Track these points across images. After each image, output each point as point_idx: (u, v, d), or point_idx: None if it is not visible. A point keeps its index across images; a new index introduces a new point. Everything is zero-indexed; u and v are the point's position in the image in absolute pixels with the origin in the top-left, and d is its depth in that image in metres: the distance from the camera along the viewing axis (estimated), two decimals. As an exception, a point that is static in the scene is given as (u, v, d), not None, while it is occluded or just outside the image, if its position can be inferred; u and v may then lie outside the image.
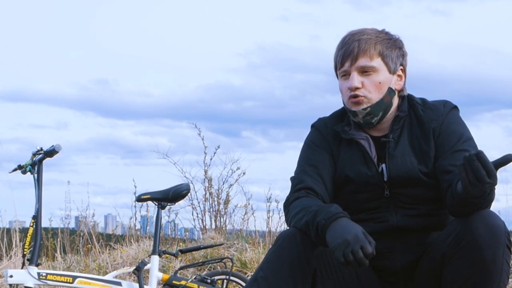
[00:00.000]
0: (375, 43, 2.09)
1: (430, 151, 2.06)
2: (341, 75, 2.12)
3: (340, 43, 2.13)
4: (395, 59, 2.11)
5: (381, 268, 2.07)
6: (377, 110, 2.08)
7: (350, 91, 2.07)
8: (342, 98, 2.15)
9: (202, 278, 3.34)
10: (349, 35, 2.11)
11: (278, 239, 1.97)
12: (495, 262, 1.83)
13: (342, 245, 1.80)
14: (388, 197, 2.07)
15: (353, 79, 2.07)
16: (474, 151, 1.80)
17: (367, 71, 2.07)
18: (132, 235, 6.35)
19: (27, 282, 3.08)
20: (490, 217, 1.86)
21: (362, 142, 2.11)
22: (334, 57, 2.15)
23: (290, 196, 2.09)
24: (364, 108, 2.07)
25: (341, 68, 2.10)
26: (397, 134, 2.10)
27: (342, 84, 2.12)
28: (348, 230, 1.83)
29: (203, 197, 6.81)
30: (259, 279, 1.93)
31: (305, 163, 2.15)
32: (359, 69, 2.07)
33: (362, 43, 2.07)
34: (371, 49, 2.07)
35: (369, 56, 2.07)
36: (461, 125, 2.10)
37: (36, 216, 3.20)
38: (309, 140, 2.20)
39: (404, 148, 2.08)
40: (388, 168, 2.07)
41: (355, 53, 2.07)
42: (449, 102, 2.13)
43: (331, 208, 1.90)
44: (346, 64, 2.08)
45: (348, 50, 2.08)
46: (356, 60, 2.07)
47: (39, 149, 3.27)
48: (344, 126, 2.16)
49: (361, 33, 2.10)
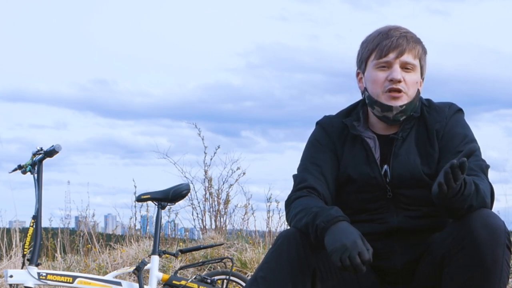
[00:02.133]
0: (418, 43, 2.09)
1: (434, 153, 2.06)
2: (379, 66, 2.07)
3: (381, 34, 2.08)
4: (426, 64, 2.13)
5: (381, 268, 2.07)
6: (408, 109, 2.07)
7: (390, 83, 2.04)
8: (372, 88, 2.08)
9: (202, 278, 3.34)
10: (393, 29, 2.08)
11: (278, 239, 1.97)
12: (495, 262, 1.83)
13: (340, 250, 1.81)
14: (390, 198, 2.06)
15: (397, 71, 2.04)
16: (476, 152, 1.82)
17: (408, 68, 2.06)
18: (132, 235, 6.35)
19: (27, 282, 3.08)
20: (490, 217, 1.85)
21: (368, 141, 2.10)
22: (369, 46, 2.09)
23: (291, 195, 2.08)
24: (401, 105, 2.05)
25: (382, 58, 2.06)
26: (406, 133, 2.09)
27: (377, 74, 2.07)
28: (347, 235, 1.83)
29: (203, 197, 6.81)
30: (258, 279, 1.93)
31: (308, 161, 2.13)
32: (402, 64, 2.05)
33: (410, 40, 2.07)
34: (416, 48, 2.07)
35: (414, 54, 2.07)
36: (465, 128, 2.10)
37: (36, 216, 3.20)
38: (313, 137, 2.18)
39: (410, 148, 2.07)
40: (392, 166, 2.06)
41: (404, 47, 2.05)
42: (455, 105, 2.13)
43: (331, 211, 1.90)
44: (390, 55, 2.05)
45: (396, 42, 2.05)
46: (403, 54, 2.05)
47: (39, 149, 3.27)
48: (353, 121, 2.14)
49: (404, 30, 2.09)
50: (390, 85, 2.04)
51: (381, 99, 2.06)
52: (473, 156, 1.99)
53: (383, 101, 2.05)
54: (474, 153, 1.94)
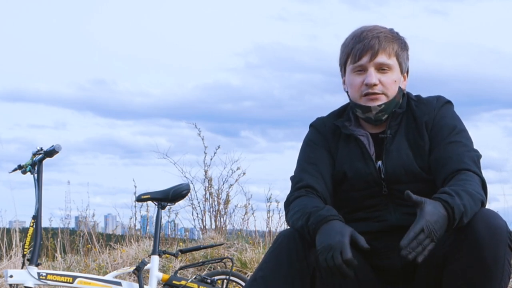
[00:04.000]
0: (392, 41, 2.09)
1: (424, 145, 2.06)
2: (355, 70, 2.09)
3: (354, 38, 2.10)
4: (406, 60, 2.13)
5: (381, 267, 2.07)
6: (389, 108, 2.09)
7: (366, 88, 2.06)
8: (351, 92, 2.12)
9: (202, 278, 3.34)
10: (366, 31, 2.09)
11: (277, 239, 1.97)
12: (497, 262, 1.83)
13: (325, 250, 1.81)
14: (386, 195, 2.07)
15: (371, 76, 2.06)
16: (466, 142, 1.90)
17: (384, 69, 2.07)
18: (132, 235, 6.35)
19: (27, 282, 3.08)
20: (492, 217, 1.85)
21: (362, 139, 2.12)
22: (346, 50, 2.11)
23: (290, 195, 2.09)
24: (379, 105, 2.07)
25: (356, 63, 2.08)
26: (394, 130, 2.11)
27: (354, 79, 2.10)
28: (333, 234, 1.83)
29: (203, 197, 6.81)
30: (258, 279, 1.93)
31: (304, 161, 2.15)
32: (377, 65, 2.07)
33: (382, 40, 2.07)
34: (390, 47, 2.08)
35: (388, 54, 2.07)
36: (454, 118, 2.11)
37: (36, 216, 3.20)
38: (307, 139, 2.21)
39: (400, 143, 2.08)
40: (385, 163, 2.07)
41: (376, 49, 2.06)
42: (442, 97, 2.15)
43: (322, 211, 1.90)
44: (364, 58, 2.07)
45: (368, 45, 2.06)
46: (376, 57, 2.06)
47: (39, 149, 3.27)
48: (344, 122, 2.16)
49: (377, 30, 2.09)
50: (366, 89, 2.07)
51: (360, 102, 2.09)
52: (463, 147, 2.00)
53: (362, 103, 2.08)
54: (464, 144, 1.96)
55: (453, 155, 1.99)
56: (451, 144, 2.02)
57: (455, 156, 1.99)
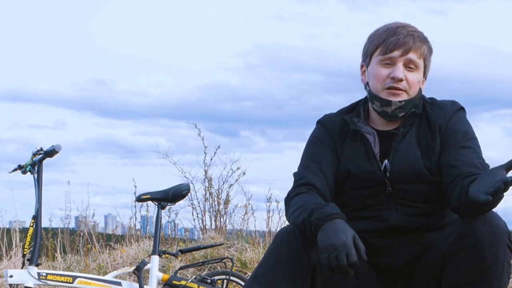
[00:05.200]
0: (424, 42, 2.10)
1: (435, 146, 2.06)
2: (383, 61, 2.08)
3: (388, 30, 2.09)
4: (430, 64, 2.14)
5: (381, 266, 2.07)
6: (408, 106, 2.08)
7: (392, 81, 2.06)
8: (372, 83, 2.10)
9: (202, 278, 3.34)
10: (400, 26, 2.09)
11: (278, 236, 1.97)
12: (496, 262, 1.83)
13: (329, 249, 1.80)
14: (389, 194, 2.07)
15: (399, 70, 2.05)
16: (478, 149, 1.91)
17: (412, 67, 2.07)
18: (132, 235, 6.35)
19: (27, 282, 3.08)
20: (492, 217, 1.86)
21: (368, 137, 2.11)
22: (376, 41, 2.10)
23: (291, 192, 2.09)
24: (400, 101, 2.06)
25: (387, 54, 2.07)
26: (407, 129, 2.10)
27: (380, 70, 2.08)
28: (338, 234, 1.82)
29: (203, 197, 6.81)
30: (259, 276, 1.92)
31: (308, 158, 2.15)
32: (406, 62, 2.06)
33: (416, 39, 2.07)
34: (422, 48, 2.08)
35: (419, 54, 2.08)
36: (467, 125, 2.11)
37: (36, 216, 3.20)
38: (313, 136, 2.20)
39: (410, 142, 2.08)
40: (391, 161, 2.06)
41: (410, 46, 2.06)
42: (457, 103, 2.15)
43: (326, 208, 1.90)
44: (396, 52, 2.06)
45: (402, 40, 2.06)
46: (408, 53, 2.06)
47: (39, 149, 3.27)
48: (353, 117, 2.16)
49: (412, 28, 2.10)
50: (391, 83, 2.06)
51: (381, 95, 2.07)
52: (475, 153, 2.01)
53: (383, 96, 2.07)
54: (476, 151, 1.96)
55: (466, 159, 2.00)
56: (463, 148, 2.03)
57: (468, 160, 1.99)
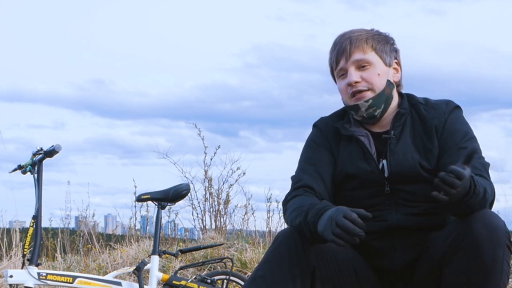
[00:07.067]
0: (366, 38, 2.13)
1: (433, 149, 2.07)
2: (339, 75, 2.15)
3: (332, 46, 2.17)
4: (389, 52, 2.15)
5: (380, 267, 2.07)
6: (379, 102, 2.10)
7: (351, 88, 2.10)
8: (342, 99, 2.17)
9: (202, 278, 3.34)
10: (339, 36, 2.16)
11: (277, 238, 1.97)
12: (495, 262, 1.83)
13: (328, 224, 1.80)
14: (388, 194, 2.07)
15: (351, 75, 2.10)
16: (477, 149, 1.89)
17: (364, 65, 2.10)
18: (132, 235, 6.36)
19: (27, 282, 3.08)
20: (490, 217, 1.86)
21: (362, 139, 2.13)
22: (329, 60, 2.18)
23: (288, 194, 2.10)
24: (366, 100, 2.09)
25: (337, 67, 2.13)
26: (399, 130, 2.11)
27: (340, 84, 2.15)
28: (332, 211, 1.83)
29: (203, 197, 6.81)
30: (257, 278, 1.93)
31: (304, 162, 2.17)
32: (355, 63, 2.10)
33: (354, 39, 2.12)
34: (363, 44, 2.11)
35: (362, 50, 2.10)
36: (465, 124, 2.12)
37: (36, 216, 3.20)
38: (309, 139, 2.23)
39: (407, 145, 2.09)
40: (389, 164, 2.07)
41: (348, 49, 2.10)
42: (452, 102, 2.15)
43: (318, 206, 1.91)
44: (341, 61, 2.12)
45: (341, 48, 2.11)
46: (351, 56, 2.10)
47: (39, 149, 3.27)
48: (344, 123, 2.18)
49: (350, 32, 2.15)
50: (351, 89, 2.11)
51: (350, 103, 2.13)
52: (475, 154, 2.01)
53: (352, 103, 2.12)
54: (475, 152, 1.95)
55: None
56: (463, 149, 2.03)
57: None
